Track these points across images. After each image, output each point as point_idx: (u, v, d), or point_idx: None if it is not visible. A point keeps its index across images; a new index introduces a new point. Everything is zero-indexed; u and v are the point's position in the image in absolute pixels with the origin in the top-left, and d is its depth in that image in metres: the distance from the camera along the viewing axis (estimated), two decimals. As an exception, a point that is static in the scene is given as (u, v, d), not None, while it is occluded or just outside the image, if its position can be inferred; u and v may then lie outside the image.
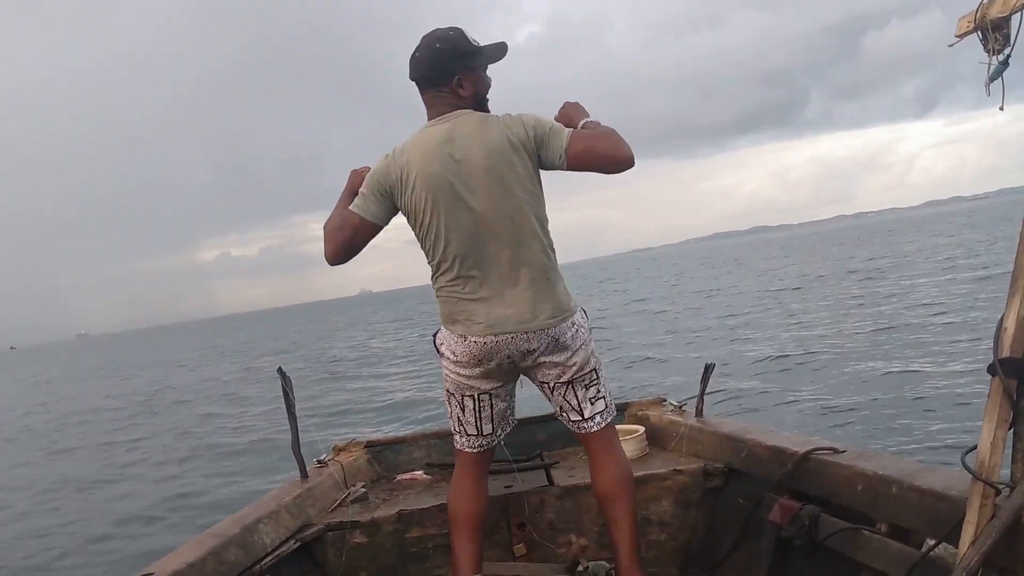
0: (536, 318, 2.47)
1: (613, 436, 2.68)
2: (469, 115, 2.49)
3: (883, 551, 2.20)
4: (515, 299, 2.46)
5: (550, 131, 2.44)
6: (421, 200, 2.46)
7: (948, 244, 41.45)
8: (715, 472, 3.12)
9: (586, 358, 2.58)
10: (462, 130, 2.46)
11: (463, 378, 2.60)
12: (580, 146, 2.42)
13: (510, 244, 2.45)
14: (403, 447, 3.80)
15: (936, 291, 19.30)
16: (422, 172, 2.45)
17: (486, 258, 2.46)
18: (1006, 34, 1.79)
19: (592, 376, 2.61)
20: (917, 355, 11.27)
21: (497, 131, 2.44)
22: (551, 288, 2.50)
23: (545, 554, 3.07)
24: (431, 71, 2.51)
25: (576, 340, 2.55)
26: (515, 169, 2.43)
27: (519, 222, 2.45)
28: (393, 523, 3.05)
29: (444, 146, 2.45)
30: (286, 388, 3.14)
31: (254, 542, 2.69)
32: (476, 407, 2.64)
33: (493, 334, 2.48)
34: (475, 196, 2.43)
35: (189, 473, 10.95)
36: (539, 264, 2.48)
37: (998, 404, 1.77)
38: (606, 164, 2.45)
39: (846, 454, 2.55)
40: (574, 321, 2.55)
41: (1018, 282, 1.77)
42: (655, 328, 20.86)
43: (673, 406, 3.76)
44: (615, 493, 2.61)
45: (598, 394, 2.62)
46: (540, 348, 2.50)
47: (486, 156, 2.42)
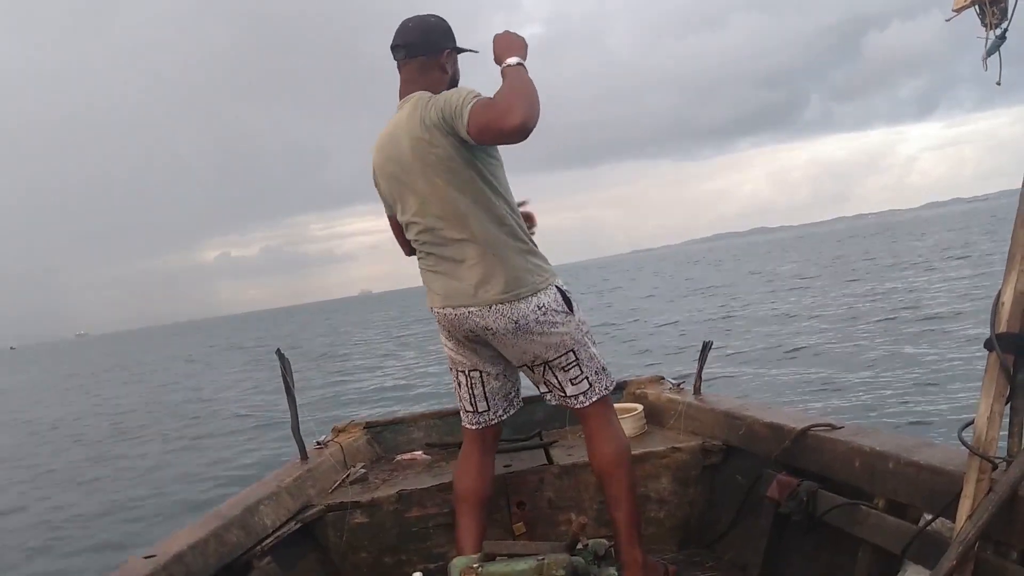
0: (484, 293, 2.44)
1: (607, 413, 2.66)
2: (410, 99, 2.48)
3: (881, 526, 2.21)
4: (463, 274, 2.47)
5: (454, 112, 2.32)
6: (383, 189, 2.62)
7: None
8: (713, 449, 3.13)
9: (560, 341, 2.52)
10: (400, 116, 2.50)
11: (450, 352, 2.67)
12: (477, 124, 2.27)
13: (451, 223, 2.46)
14: (402, 427, 3.81)
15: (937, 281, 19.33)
16: (378, 165, 2.59)
17: (436, 237, 2.50)
18: (1003, 8, 1.78)
19: (570, 358, 2.55)
20: (914, 332, 11.30)
21: (417, 116, 2.42)
22: (504, 265, 2.44)
23: (544, 532, 3.09)
24: (425, 37, 2.51)
25: (543, 324, 2.48)
26: (436, 151, 2.40)
27: (455, 202, 2.43)
28: (393, 503, 3.06)
29: (390, 135, 2.51)
30: (285, 371, 3.15)
31: (255, 523, 2.70)
32: (468, 383, 2.68)
33: (451, 306, 2.51)
34: (414, 181, 2.47)
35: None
36: (487, 240, 2.44)
37: (995, 379, 1.78)
38: (501, 138, 2.30)
39: (843, 430, 2.56)
40: (541, 304, 2.47)
41: (1015, 258, 1.77)
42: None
43: (671, 384, 3.77)
44: (610, 470, 2.61)
45: (579, 375, 2.57)
46: (499, 328, 2.47)
47: (410, 142, 2.44)
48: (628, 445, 2.69)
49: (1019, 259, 1.76)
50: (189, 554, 2.35)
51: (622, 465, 2.62)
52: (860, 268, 30.72)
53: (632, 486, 2.64)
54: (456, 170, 2.42)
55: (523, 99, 2.22)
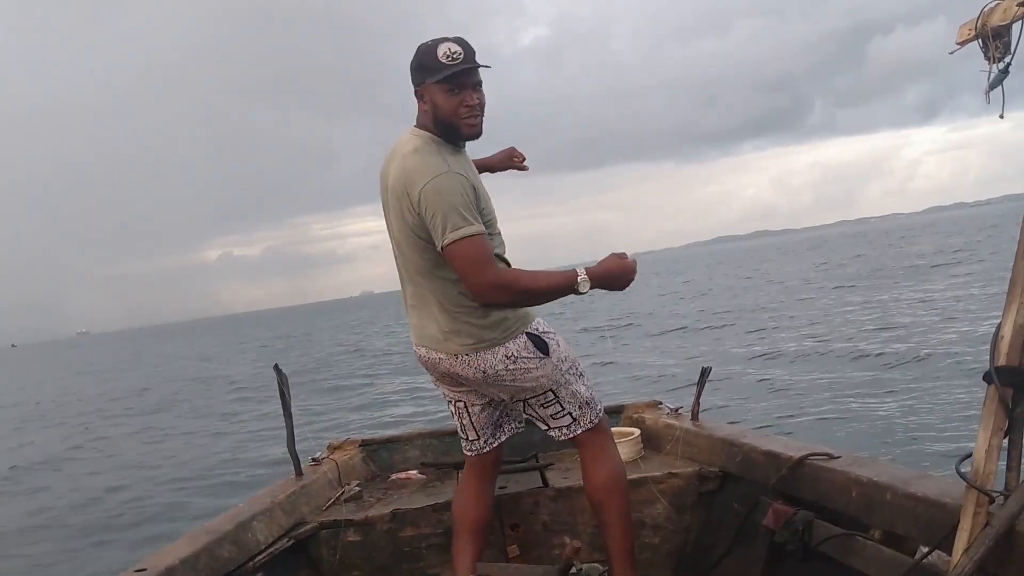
0: (447, 342, 2.45)
1: (602, 440, 2.66)
2: (413, 140, 2.43)
3: (876, 558, 2.20)
4: (429, 320, 2.48)
5: (437, 217, 2.28)
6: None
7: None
8: (710, 476, 3.11)
9: (536, 384, 2.51)
10: (398, 149, 2.45)
11: (434, 382, 2.67)
12: (456, 254, 2.28)
13: (416, 275, 2.47)
14: (398, 446, 3.80)
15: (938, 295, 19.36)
16: (380, 172, 2.53)
17: (408, 271, 2.51)
18: (1007, 42, 1.79)
19: (548, 397, 2.55)
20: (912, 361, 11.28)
21: (407, 172, 2.37)
22: (463, 316, 2.42)
23: (539, 555, 3.07)
24: (414, 72, 2.47)
25: (513, 372, 2.47)
26: (404, 211, 2.39)
27: (417, 261, 2.44)
28: (387, 522, 3.05)
29: (391, 156, 2.47)
30: (282, 386, 3.14)
31: (247, 539, 2.68)
32: (456, 412, 2.69)
33: (424, 347, 2.52)
34: (390, 220, 2.48)
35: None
36: (447, 299, 2.43)
37: (993, 412, 1.77)
38: (465, 286, 2.34)
39: (841, 460, 2.55)
40: (509, 354, 2.45)
41: (1015, 290, 1.77)
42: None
43: (669, 409, 3.76)
44: (603, 497, 2.61)
45: (560, 411, 2.58)
46: (468, 376, 2.48)
47: (394, 184, 2.42)
48: (623, 472, 2.69)
49: (1019, 292, 1.76)
50: (180, 568, 2.34)
51: (615, 492, 2.62)
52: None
53: (626, 513, 2.63)
54: (420, 239, 2.39)
55: (516, 296, 2.33)
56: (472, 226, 2.27)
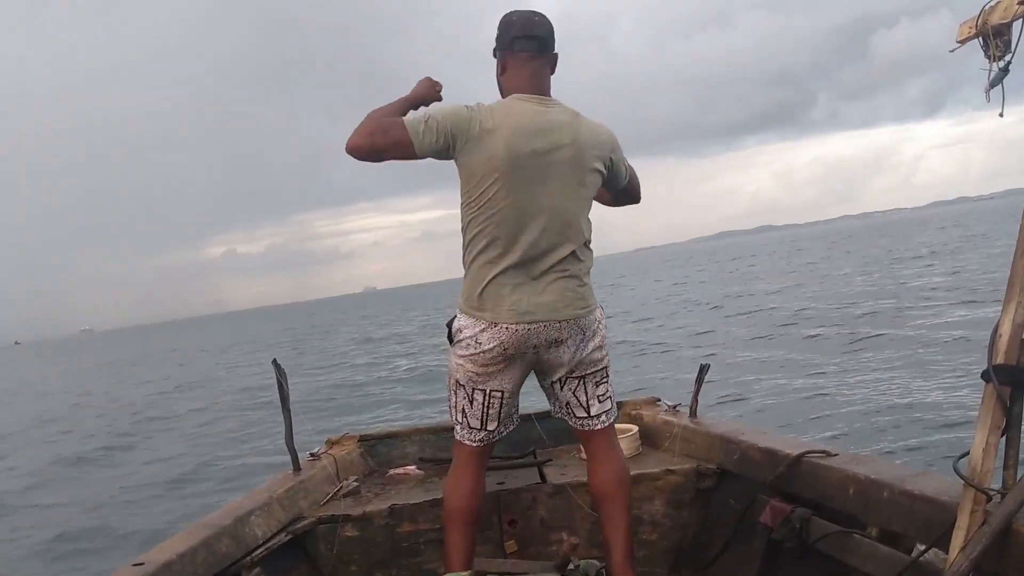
0: (568, 307, 2.50)
1: (614, 435, 2.71)
2: (564, 106, 2.54)
3: (873, 555, 2.20)
4: (548, 289, 2.48)
5: (622, 160, 2.64)
6: (492, 169, 2.41)
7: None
8: (707, 473, 3.12)
9: (603, 355, 2.63)
10: (558, 119, 2.48)
11: (478, 369, 2.54)
12: (635, 180, 2.75)
13: (559, 238, 2.48)
14: (396, 441, 3.80)
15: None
16: (508, 144, 2.40)
17: (534, 244, 2.45)
18: (1007, 40, 1.79)
19: (604, 374, 2.64)
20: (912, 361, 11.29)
21: (589, 132, 2.51)
22: (582, 283, 2.55)
23: (536, 551, 3.08)
24: (551, 36, 2.56)
25: (597, 334, 2.60)
26: (590, 172, 2.51)
27: (574, 220, 2.50)
28: (385, 517, 3.05)
29: (539, 128, 2.44)
30: (280, 380, 3.14)
31: (245, 534, 2.68)
32: (485, 402, 2.59)
33: (526, 322, 2.46)
34: (548, 186, 2.44)
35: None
36: (577, 261, 2.53)
37: (991, 410, 1.78)
38: (636, 200, 2.85)
39: (838, 457, 2.55)
40: (598, 318, 2.60)
41: (1013, 289, 1.77)
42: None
43: (667, 406, 3.76)
44: (613, 492, 2.62)
45: (606, 392, 2.65)
46: (567, 338, 2.53)
47: (577, 151, 2.46)
48: (628, 468, 2.73)
49: (1017, 290, 1.76)
50: (178, 563, 2.34)
51: (622, 487, 2.65)
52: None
53: (629, 508, 2.65)
54: (591, 196, 2.58)
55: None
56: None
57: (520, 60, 2.52)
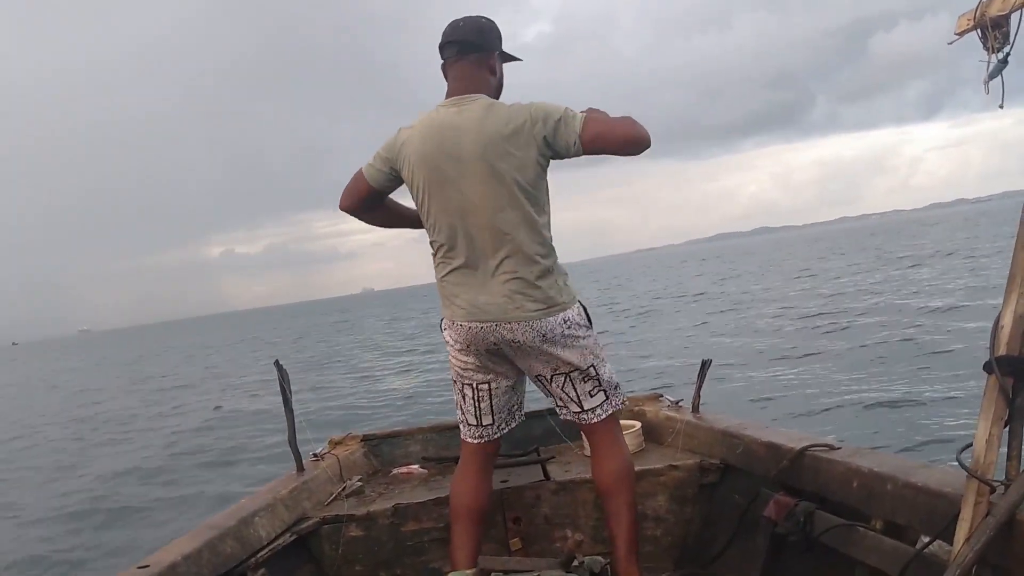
0: (517, 309, 2.45)
1: (616, 429, 2.69)
2: (479, 100, 2.48)
3: (878, 548, 2.20)
4: (497, 288, 2.46)
5: (561, 119, 2.39)
6: (416, 179, 2.51)
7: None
8: (711, 468, 3.12)
9: (582, 355, 2.56)
10: (468, 115, 2.45)
11: (461, 365, 2.63)
12: (596, 129, 2.38)
13: (495, 233, 2.44)
14: (399, 441, 3.80)
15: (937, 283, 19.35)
16: (419, 152, 2.48)
17: (471, 244, 2.48)
18: (1005, 32, 1.79)
19: (590, 372, 2.60)
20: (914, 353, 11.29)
21: (500, 119, 2.42)
22: (538, 280, 2.47)
23: (540, 548, 3.08)
24: (479, 37, 2.53)
25: (568, 337, 2.52)
26: (510, 159, 2.41)
27: (507, 213, 2.44)
28: (389, 517, 3.05)
29: (446, 129, 2.45)
30: (283, 381, 3.14)
31: (250, 535, 2.68)
32: (475, 396, 2.66)
33: (477, 320, 2.49)
34: (465, 182, 2.44)
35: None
36: (526, 255, 2.46)
37: (994, 401, 1.78)
38: (625, 145, 2.41)
39: (841, 451, 2.55)
40: (567, 318, 2.51)
41: (1015, 281, 1.77)
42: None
43: (669, 402, 3.76)
44: (615, 486, 2.62)
45: (596, 387, 2.61)
46: (526, 341, 2.48)
47: (483, 144, 2.41)
48: (632, 462, 2.72)
49: (1019, 281, 1.76)
50: (183, 564, 2.34)
51: (625, 481, 2.64)
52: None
53: (633, 503, 2.65)
54: (527, 182, 2.44)
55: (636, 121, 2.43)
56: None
57: (447, 67, 2.58)
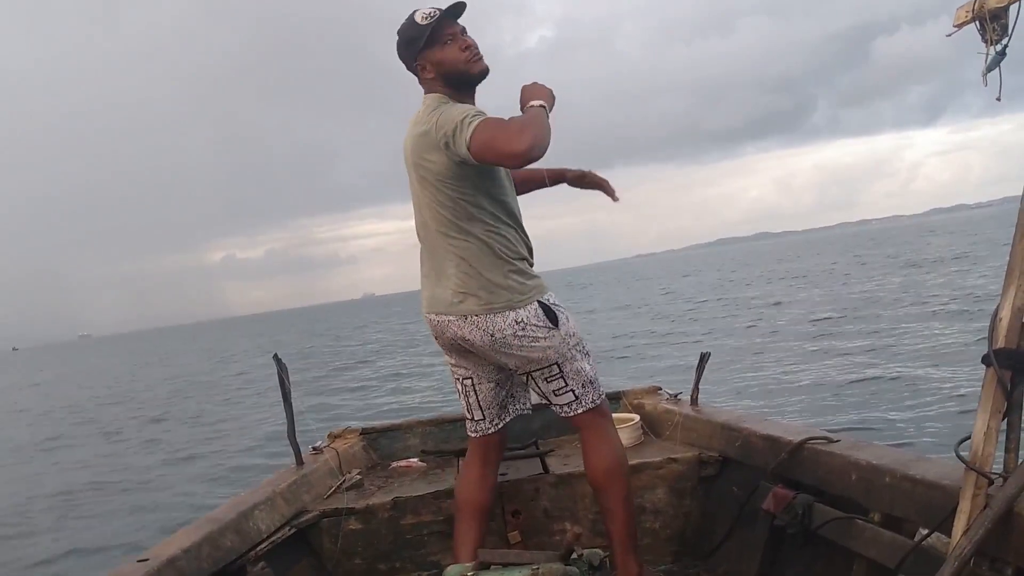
0: (459, 304, 2.47)
1: (603, 423, 2.64)
2: (424, 102, 2.52)
3: (876, 540, 2.21)
4: (444, 283, 2.51)
5: (456, 127, 2.31)
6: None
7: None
8: (710, 461, 3.12)
9: (542, 355, 2.51)
10: (415, 117, 2.53)
11: (445, 358, 2.70)
12: (480, 139, 2.26)
13: (434, 231, 2.51)
14: (398, 434, 3.81)
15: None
16: (404, 147, 2.58)
17: (427, 238, 2.56)
18: (1004, 24, 1.78)
19: (553, 371, 2.54)
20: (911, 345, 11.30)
21: (419, 122, 2.47)
22: (481, 279, 2.45)
23: (540, 541, 3.08)
24: (401, 53, 2.56)
25: (521, 339, 2.47)
26: (427, 163, 2.43)
27: (438, 212, 2.47)
28: (388, 510, 3.06)
29: (408, 131, 2.53)
30: (282, 375, 3.14)
31: (249, 528, 2.69)
32: (463, 391, 2.70)
33: (433, 313, 2.55)
34: (411, 182, 2.55)
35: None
36: (466, 254, 2.46)
37: (992, 394, 1.78)
38: (501, 159, 2.32)
39: (840, 443, 2.56)
40: (519, 319, 2.46)
41: (1013, 274, 1.77)
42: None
43: (668, 395, 3.77)
44: (604, 482, 2.60)
45: (563, 387, 2.56)
46: (475, 340, 2.49)
47: (411, 147, 2.49)
48: (624, 456, 2.68)
49: (1017, 274, 1.76)
50: (183, 558, 2.34)
51: (616, 476, 2.61)
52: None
53: (628, 497, 2.63)
54: (441, 186, 2.43)
55: (535, 129, 2.25)
56: (483, 114, 2.32)
57: None
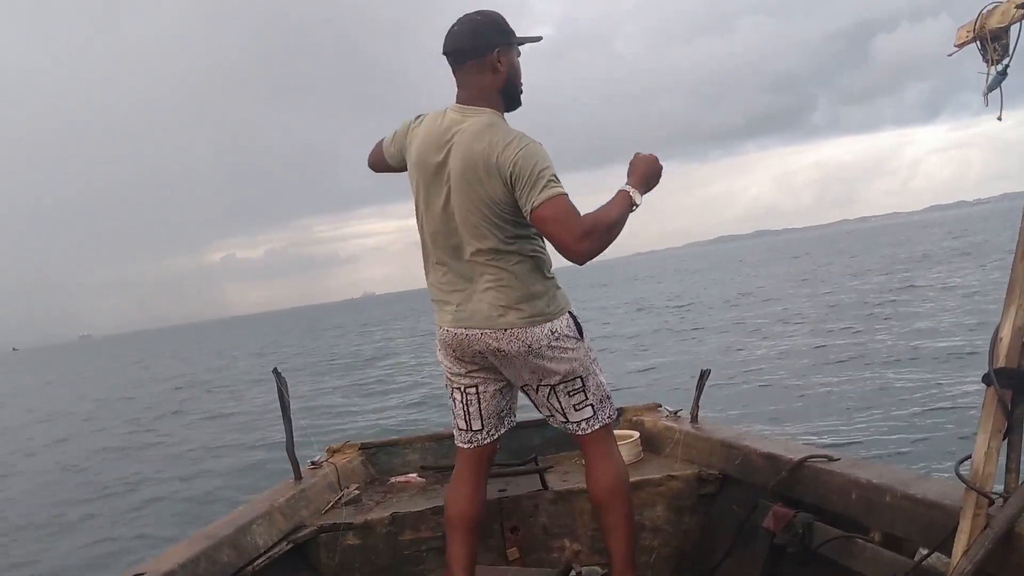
0: (499, 318, 2.44)
1: (608, 441, 2.66)
2: (482, 116, 2.44)
3: (876, 560, 2.20)
4: (480, 296, 2.46)
5: (534, 180, 2.30)
6: (412, 176, 2.56)
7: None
8: (709, 478, 3.11)
9: (569, 368, 2.53)
10: (467, 128, 2.42)
11: (448, 368, 2.65)
12: (545, 215, 2.30)
13: (478, 246, 2.44)
14: (397, 449, 3.79)
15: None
16: (419, 151, 2.51)
17: (460, 252, 2.48)
18: (1005, 44, 1.79)
19: (576, 384, 2.56)
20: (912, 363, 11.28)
21: (487, 144, 2.38)
22: (521, 291, 2.44)
23: (538, 558, 3.07)
24: (472, 40, 2.45)
25: (554, 348, 2.49)
26: (481, 188, 2.39)
27: (484, 230, 2.42)
28: (387, 525, 3.05)
29: (446, 135, 2.45)
30: (281, 389, 3.14)
31: (247, 543, 2.68)
32: (463, 400, 2.65)
33: (463, 327, 2.50)
34: (452, 194, 2.44)
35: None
36: (511, 268, 2.44)
37: (992, 414, 1.77)
38: (553, 241, 2.36)
39: (840, 462, 2.55)
40: (554, 329, 2.48)
41: (1013, 293, 1.77)
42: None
43: (668, 412, 3.76)
44: (608, 499, 2.60)
45: (583, 402, 2.58)
46: (510, 351, 2.47)
47: (467, 163, 2.39)
48: (627, 474, 2.68)
49: (1018, 294, 1.76)
50: (179, 572, 2.33)
51: (620, 494, 2.61)
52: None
53: (630, 515, 2.63)
54: (496, 208, 2.40)
55: (599, 240, 2.31)
56: (561, 186, 2.34)
57: (453, 73, 2.54)
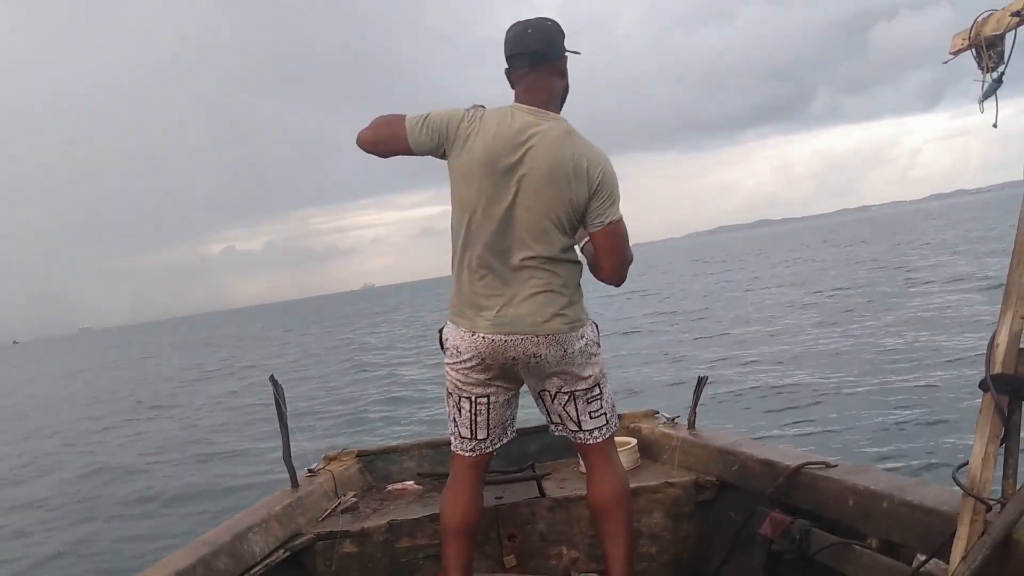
0: (545, 323, 2.46)
1: (612, 449, 2.68)
2: (561, 122, 2.49)
3: (874, 566, 2.20)
4: (527, 302, 2.46)
5: (611, 203, 2.48)
6: (471, 173, 2.46)
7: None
8: (707, 485, 3.11)
9: (592, 373, 2.58)
10: (548, 131, 2.44)
11: (462, 377, 2.58)
12: (612, 237, 2.51)
13: (535, 251, 2.45)
14: (394, 457, 3.79)
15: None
16: (488, 149, 2.44)
17: (508, 256, 2.46)
18: (1000, 52, 1.80)
19: (595, 392, 2.60)
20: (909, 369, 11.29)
21: (574, 151, 2.44)
22: (564, 298, 2.49)
23: (536, 565, 3.07)
24: (547, 45, 2.50)
25: (584, 354, 2.54)
26: (567, 191, 2.43)
27: (550, 235, 2.45)
28: (383, 533, 3.04)
29: (520, 136, 2.44)
30: (278, 397, 3.13)
31: (243, 551, 2.67)
32: (472, 410, 2.61)
33: (503, 333, 2.46)
34: (522, 195, 2.43)
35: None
36: (558, 274, 2.48)
37: (989, 420, 1.78)
38: (608, 263, 2.57)
39: (838, 468, 2.55)
40: (583, 334, 2.53)
41: (1010, 299, 1.78)
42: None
43: (665, 418, 3.76)
44: (611, 507, 2.60)
45: (599, 409, 2.62)
46: (546, 356, 2.48)
47: (556, 166, 2.42)
48: (628, 481, 2.70)
49: (1014, 300, 1.77)
50: None
51: (622, 502, 2.62)
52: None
53: (630, 523, 2.64)
54: (574, 213, 2.47)
55: (624, 272, 2.61)
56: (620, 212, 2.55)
57: (518, 76, 2.53)
